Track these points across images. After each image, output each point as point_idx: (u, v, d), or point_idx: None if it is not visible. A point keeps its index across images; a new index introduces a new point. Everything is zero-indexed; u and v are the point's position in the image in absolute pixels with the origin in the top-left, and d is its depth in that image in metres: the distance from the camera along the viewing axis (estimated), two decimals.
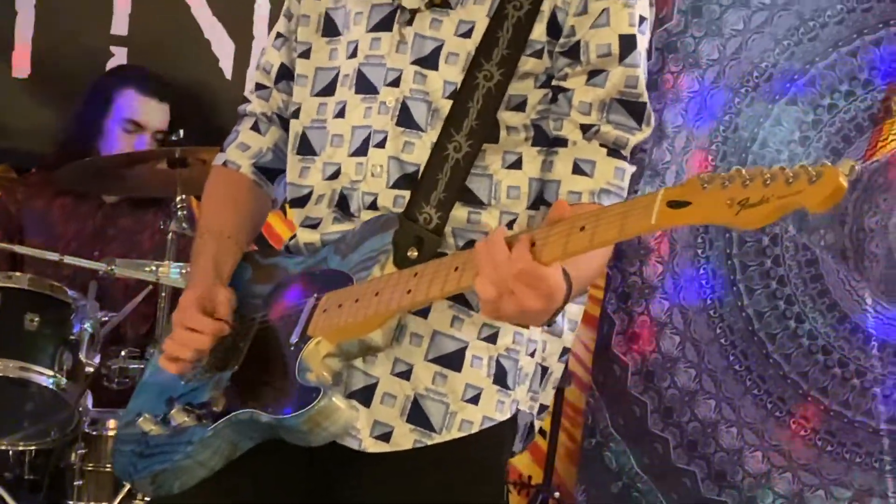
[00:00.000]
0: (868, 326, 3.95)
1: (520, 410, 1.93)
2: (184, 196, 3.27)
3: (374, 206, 1.89)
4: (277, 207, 2.17)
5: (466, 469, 1.89)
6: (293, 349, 1.81)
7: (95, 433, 3.20)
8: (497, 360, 1.88)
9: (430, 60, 1.87)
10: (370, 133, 1.90)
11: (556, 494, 4.02)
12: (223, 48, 3.88)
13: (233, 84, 3.84)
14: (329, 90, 1.97)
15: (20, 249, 3.31)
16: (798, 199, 1.34)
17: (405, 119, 1.87)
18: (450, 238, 1.86)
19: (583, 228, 1.52)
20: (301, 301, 1.86)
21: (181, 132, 3.39)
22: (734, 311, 4.05)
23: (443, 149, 1.84)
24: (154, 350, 2.12)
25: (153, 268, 3.19)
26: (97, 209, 3.67)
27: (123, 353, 3.27)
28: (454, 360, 1.86)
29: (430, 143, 1.86)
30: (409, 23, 1.89)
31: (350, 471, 1.88)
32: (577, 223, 1.53)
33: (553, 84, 1.86)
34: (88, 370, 3.15)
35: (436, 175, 1.84)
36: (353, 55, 1.94)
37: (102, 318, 3.26)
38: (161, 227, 3.37)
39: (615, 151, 1.86)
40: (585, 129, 1.85)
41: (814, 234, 3.98)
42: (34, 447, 3.18)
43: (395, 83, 1.89)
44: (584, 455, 4.20)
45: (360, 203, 1.90)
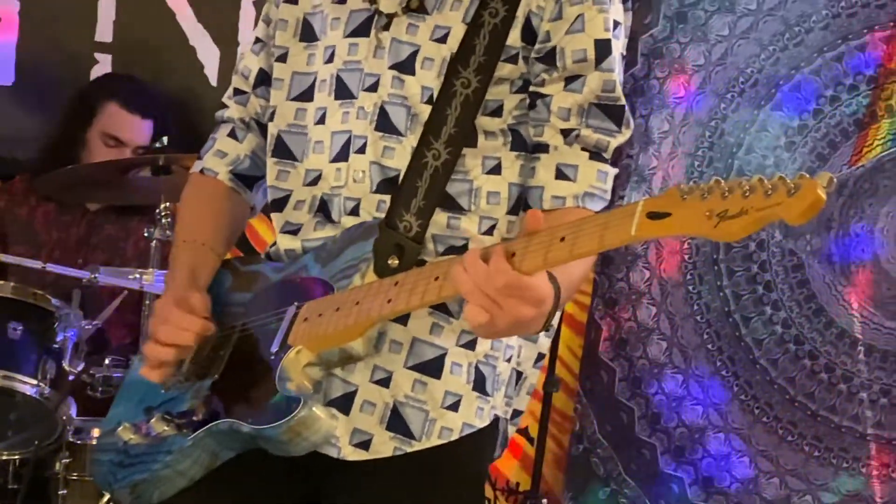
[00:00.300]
0: (854, 331, 3.96)
1: (498, 417, 1.93)
2: (168, 203, 3.26)
3: (356, 212, 1.88)
4: (256, 214, 2.16)
5: (446, 476, 1.89)
6: (273, 358, 1.80)
7: (80, 442, 3.19)
8: (476, 367, 1.88)
9: (407, 65, 1.87)
10: (349, 138, 1.89)
11: (544, 501, 4.01)
12: (208, 55, 3.88)
13: (218, 90, 3.82)
14: (307, 95, 1.96)
15: (2, 258, 3.30)
16: (777, 211, 1.34)
17: (384, 124, 1.87)
18: (430, 244, 1.86)
19: (563, 239, 1.52)
20: (281, 309, 1.85)
21: (165, 139, 3.38)
22: (721, 316, 4.05)
23: (422, 156, 1.84)
24: (135, 358, 2.10)
25: (137, 275, 3.18)
26: (81, 217, 3.66)
27: (107, 362, 3.26)
28: (433, 368, 1.86)
29: (411, 148, 1.85)
30: (387, 27, 1.90)
31: (330, 479, 1.87)
32: (558, 234, 1.53)
33: (531, 90, 1.87)
34: (72, 378, 3.14)
35: (415, 182, 1.84)
36: (330, 60, 1.94)
37: (86, 327, 3.25)
38: (145, 235, 3.36)
39: (597, 155, 1.86)
40: (566, 135, 1.85)
41: (800, 240, 3.98)
42: (18, 456, 3.17)
43: (373, 88, 1.88)
44: (572, 461, 4.19)
45: (342, 209, 1.89)
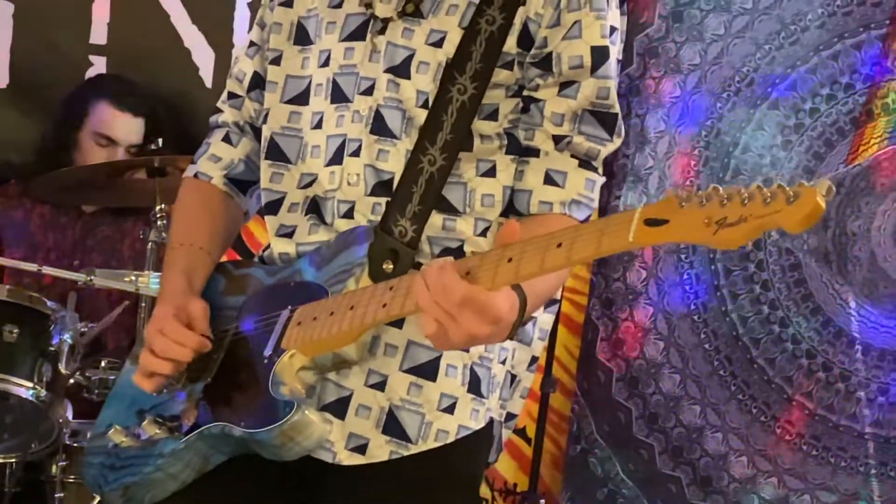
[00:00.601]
0: (852, 330, 3.96)
1: (493, 419, 1.93)
2: (163, 205, 3.26)
3: (350, 215, 1.88)
4: (250, 219, 2.16)
5: (443, 479, 1.88)
6: (267, 362, 1.79)
7: (76, 445, 3.18)
8: (471, 369, 1.87)
9: (402, 69, 1.87)
10: (344, 141, 1.89)
11: (542, 502, 4.00)
12: (203, 57, 3.87)
13: (213, 93, 3.81)
14: (301, 99, 1.96)
15: None
16: (775, 219, 1.34)
17: (379, 127, 1.87)
18: (425, 246, 1.85)
19: (560, 245, 1.51)
20: (275, 313, 1.84)
21: (160, 141, 3.38)
22: (718, 317, 4.05)
23: (417, 161, 1.84)
24: (127, 361, 2.09)
25: (133, 278, 3.17)
26: (77, 219, 3.65)
27: (104, 364, 3.25)
28: (429, 370, 1.85)
29: (405, 151, 1.85)
30: (382, 32, 1.89)
31: (324, 484, 1.87)
32: (554, 240, 1.52)
33: (524, 94, 1.87)
34: (68, 381, 3.13)
35: (410, 188, 1.83)
36: (326, 64, 1.94)
37: (82, 329, 3.24)
38: (141, 237, 3.35)
39: (586, 163, 1.87)
40: (557, 140, 1.86)
41: (797, 239, 3.98)
42: (14, 459, 3.16)
43: (369, 92, 1.88)
44: (570, 462, 4.19)
45: (335, 211, 1.89)
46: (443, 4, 1.87)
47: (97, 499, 3.04)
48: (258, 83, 2.05)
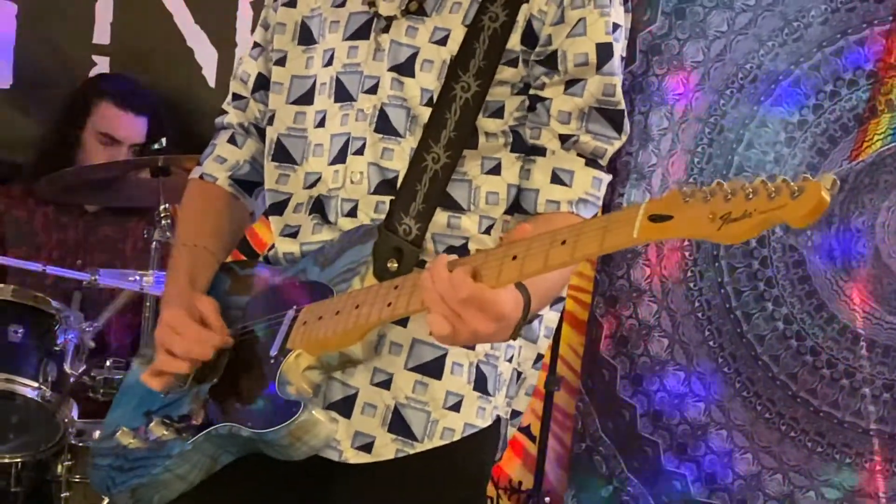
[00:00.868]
0: (856, 327, 3.95)
1: (500, 417, 1.93)
2: (167, 205, 3.26)
3: (354, 214, 1.88)
4: (256, 220, 2.16)
5: (449, 477, 1.88)
6: (273, 362, 1.79)
7: (81, 444, 3.19)
8: (477, 367, 1.87)
9: (406, 67, 1.87)
10: (348, 140, 1.89)
11: (547, 499, 4.01)
12: (206, 56, 3.87)
13: (216, 92, 3.82)
14: (306, 99, 1.96)
15: (1, 260, 3.29)
16: (780, 214, 1.33)
17: (383, 125, 1.87)
18: (429, 244, 1.85)
19: (564, 242, 1.51)
20: (280, 313, 1.84)
21: (163, 141, 3.38)
22: (722, 314, 4.04)
23: (421, 160, 1.83)
24: (134, 361, 2.09)
25: (137, 277, 3.17)
26: (79, 218, 3.66)
27: (108, 364, 3.25)
28: (434, 368, 1.85)
29: (410, 150, 1.85)
30: (386, 30, 1.89)
31: (331, 482, 1.87)
32: (559, 237, 1.52)
33: (530, 93, 1.86)
34: (73, 381, 3.13)
35: (414, 186, 1.83)
36: (330, 63, 1.93)
37: (87, 329, 3.25)
38: (144, 236, 3.35)
39: (593, 161, 1.87)
40: (564, 139, 1.86)
41: (801, 236, 3.98)
42: (20, 459, 3.17)
43: (373, 90, 1.88)
44: (574, 459, 4.19)
45: (339, 210, 1.89)
46: (446, 2, 1.87)
47: (106, 500, 3.04)
48: (263, 84, 2.05)
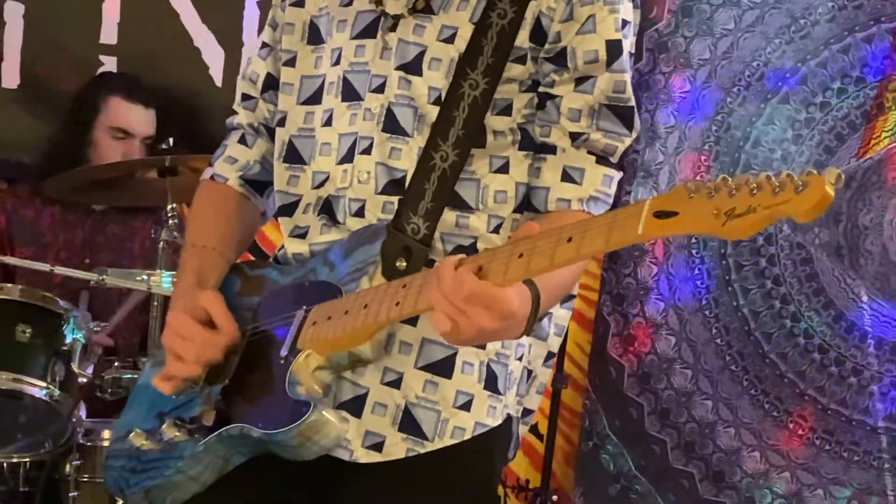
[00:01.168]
0: (864, 324, 3.95)
1: (511, 416, 1.93)
2: (174, 205, 3.26)
3: (361, 213, 1.88)
4: (267, 220, 2.15)
5: (460, 476, 1.88)
6: (283, 363, 1.79)
7: (90, 444, 3.19)
8: (488, 365, 1.87)
9: (414, 66, 1.86)
10: (356, 139, 1.89)
11: (554, 498, 4.01)
12: (213, 56, 3.88)
13: (223, 91, 3.83)
14: (315, 98, 1.96)
15: (10, 261, 3.29)
16: (785, 209, 1.33)
17: (391, 125, 1.86)
18: (438, 243, 1.85)
19: (570, 239, 1.51)
20: (290, 313, 1.84)
21: (171, 140, 3.38)
22: (730, 312, 4.04)
23: (429, 158, 1.83)
24: (146, 361, 2.09)
25: (144, 277, 3.17)
26: (86, 217, 3.66)
27: (117, 364, 3.25)
28: (444, 367, 1.85)
29: (418, 149, 1.85)
30: (393, 29, 1.89)
31: (342, 482, 1.87)
32: (564, 234, 1.52)
33: (540, 91, 1.86)
34: (81, 381, 3.14)
35: (423, 185, 1.83)
36: (337, 62, 1.93)
37: (94, 328, 3.25)
38: (152, 236, 3.36)
39: (604, 158, 1.87)
40: (575, 137, 1.85)
41: (808, 233, 3.97)
42: (28, 459, 3.17)
43: (380, 89, 1.88)
44: (582, 458, 4.19)
45: (347, 210, 1.89)
46: (453, 0, 1.86)
47: (120, 502, 3.04)
48: (272, 84, 2.05)
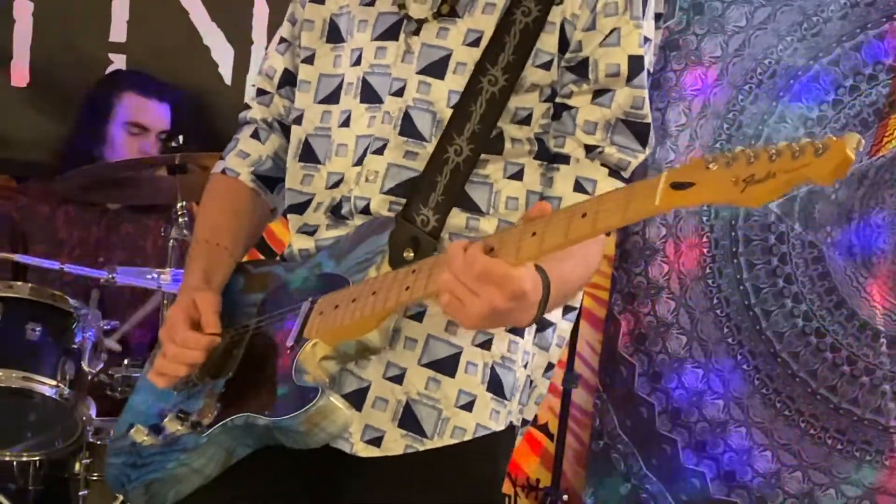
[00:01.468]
0: (876, 323, 3.93)
1: (514, 424, 1.91)
2: (184, 202, 3.25)
3: (367, 211, 1.87)
4: (277, 217, 2.14)
5: (461, 476, 1.86)
6: (289, 352, 1.78)
7: (99, 442, 3.18)
8: (492, 368, 1.86)
9: (438, 69, 1.85)
10: (372, 141, 1.88)
11: (565, 497, 4.00)
12: (222, 54, 3.87)
13: (232, 90, 3.83)
14: (333, 98, 1.94)
15: (20, 259, 3.30)
16: (805, 172, 1.32)
17: (408, 128, 1.85)
18: (446, 242, 1.83)
19: (584, 215, 1.50)
20: (296, 305, 1.84)
21: (181, 138, 3.38)
22: (741, 311, 4.03)
23: (443, 152, 1.82)
24: (147, 361, 2.08)
25: (154, 275, 3.17)
26: (100, 216, 3.66)
27: (126, 362, 3.25)
28: (448, 366, 1.84)
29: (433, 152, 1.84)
30: (416, 32, 1.87)
31: (343, 475, 1.86)
32: (578, 210, 1.51)
33: (556, 101, 1.84)
34: (91, 379, 3.14)
35: (434, 178, 1.82)
36: (357, 63, 1.92)
37: (104, 327, 3.25)
38: (162, 234, 3.35)
39: (616, 172, 1.85)
40: (589, 149, 1.84)
41: (820, 232, 3.96)
42: (38, 457, 3.17)
43: (399, 93, 1.86)
44: (592, 457, 4.18)
45: (353, 207, 1.88)
46: (478, 2, 1.84)
47: (120, 499, 3.04)
48: (289, 80, 2.03)
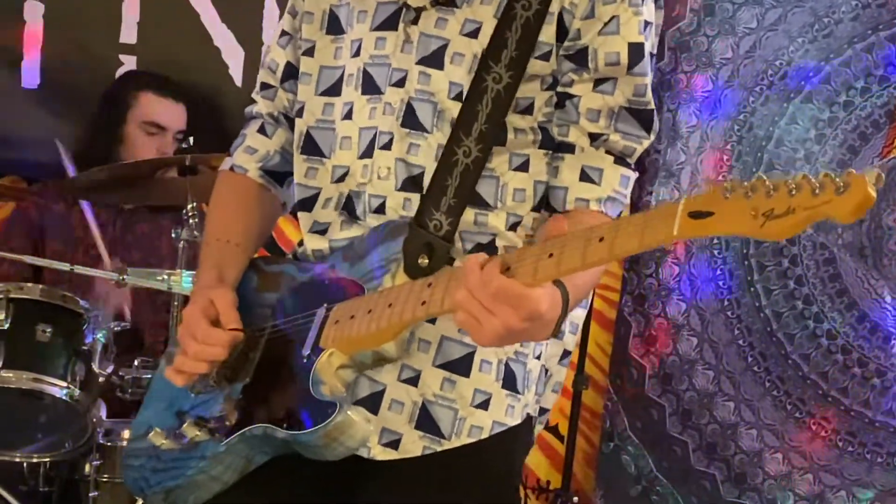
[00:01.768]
0: (888, 325, 3.92)
1: (531, 415, 1.91)
2: (195, 203, 3.25)
3: (382, 210, 1.86)
4: (288, 211, 2.13)
5: (477, 475, 1.87)
6: (306, 361, 1.78)
7: (110, 444, 3.18)
8: (506, 364, 1.86)
9: (435, 60, 1.84)
10: (376, 134, 1.87)
11: (575, 499, 3.99)
12: (233, 55, 3.87)
13: (243, 91, 3.83)
14: (335, 90, 1.94)
15: (30, 260, 3.29)
16: (825, 210, 1.31)
17: (410, 120, 1.85)
18: (458, 242, 1.84)
19: (601, 239, 1.49)
20: (311, 311, 1.83)
21: (191, 139, 3.38)
22: (752, 312, 4.02)
23: (452, 154, 1.81)
24: (162, 360, 2.08)
25: (165, 276, 3.17)
26: (116, 216, 3.67)
27: (137, 363, 3.25)
28: (462, 366, 1.84)
29: (436, 145, 1.83)
30: (415, 21, 1.87)
31: (361, 479, 1.86)
32: (595, 234, 1.50)
33: (558, 90, 1.84)
34: (102, 380, 3.13)
35: (445, 181, 1.81)
36: (357, 54, 1.91)
37: (115, 328, 3.25)
38: (173, 236, 3.35)
39: (621, 160, 1.85)
40: (594, 138, 1.84)
41: (831, 233, 3.95)
42: (48, 459, 3.17)
43: (401, 83, 1.86)
44: (603, 459, 4.17)
45: (367, 206, 1.87)
46: None
47: (140, 501, 3.03)
48: (291, 73, 2.03)
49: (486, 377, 1.85)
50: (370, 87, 1.89)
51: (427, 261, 1.77)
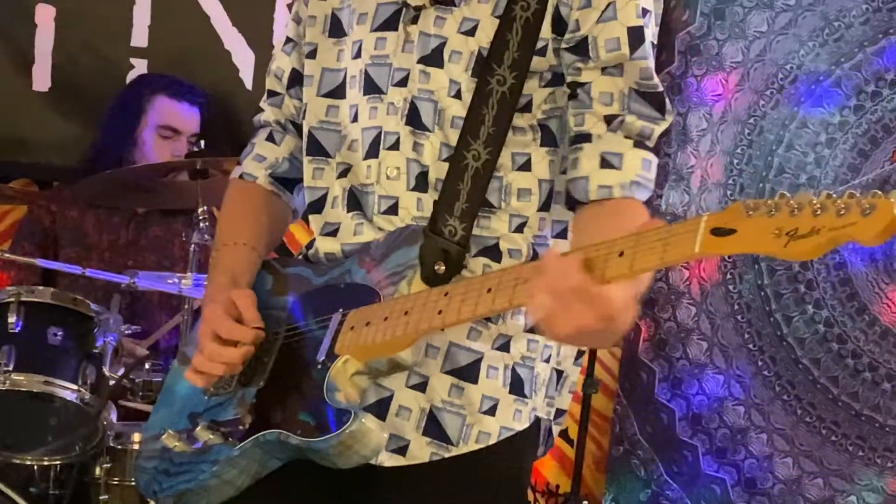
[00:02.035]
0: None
1: (539, 418, 1.90)
2: (205, 207, 3.26)
3: (394, 211, 1.86)
4: (298, 218, 2.14)
5: (485, 480, 1.86)
6: (320, 367, 1.77)
7: (120, 447, 3.19)
8: (513, 369, 1.85)
9: (435, 58, 1.84)
10: (380, 134, 1.87)
11: (585, 503, 3.99)
12: (243, 58, 3.88)
13: (253, 94, 3.83)
14: (338, 92, 1.94)
15: (42, 263, 3.30)
16: (849, 232, 1.28)
17: (414, 119, 1.85)
18: (474, 250, 1.83)
19: (622, 254, 1.46)
20: (326, 316, 1.83)
21: (202, 143, 3.39)
22: (762, 317, 4.01)
23: (461, 158, 1.81)
24: (174, 362, 2.08)
25: (176, 279, 3.17)
26: (129, 219, 3.67)
27: (147, 367, 3.25)
28: (469, 372, 1.83)
29: (438, 144, 1.83)
30: (415, 21, 1.87)
31: (369, 486, 1.85)
32: (615, 248, 1.47)
33: (568, 81, 1.83)
34: (112, 383, 3.14)
35: (456, 185, 1.81)
36: (358, 55, 1.91)
37: (126, 331, 3.25)
38: (184, 239, 3.36)
39: (641, 143, 1.80)
40: (609, 121, 1.80)
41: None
42: (59, 462, 3.17)
43: (403, 83, 1.86)
44: (612, 463, 4.17)
45: (377, 207, 1.87)
46: None
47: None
48: (297, 79, 2.03)
49: (494, 383, 1.84)
50: (371, 88, 1.89)
51: (444, 267, 1.77)
